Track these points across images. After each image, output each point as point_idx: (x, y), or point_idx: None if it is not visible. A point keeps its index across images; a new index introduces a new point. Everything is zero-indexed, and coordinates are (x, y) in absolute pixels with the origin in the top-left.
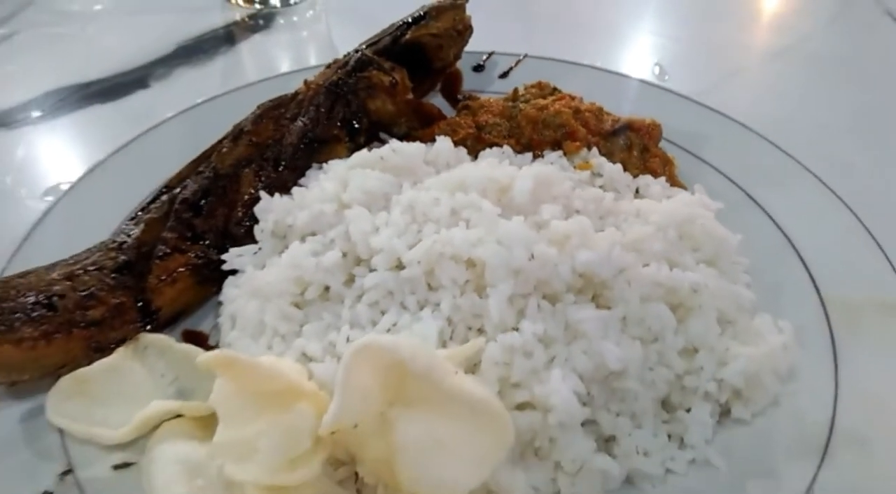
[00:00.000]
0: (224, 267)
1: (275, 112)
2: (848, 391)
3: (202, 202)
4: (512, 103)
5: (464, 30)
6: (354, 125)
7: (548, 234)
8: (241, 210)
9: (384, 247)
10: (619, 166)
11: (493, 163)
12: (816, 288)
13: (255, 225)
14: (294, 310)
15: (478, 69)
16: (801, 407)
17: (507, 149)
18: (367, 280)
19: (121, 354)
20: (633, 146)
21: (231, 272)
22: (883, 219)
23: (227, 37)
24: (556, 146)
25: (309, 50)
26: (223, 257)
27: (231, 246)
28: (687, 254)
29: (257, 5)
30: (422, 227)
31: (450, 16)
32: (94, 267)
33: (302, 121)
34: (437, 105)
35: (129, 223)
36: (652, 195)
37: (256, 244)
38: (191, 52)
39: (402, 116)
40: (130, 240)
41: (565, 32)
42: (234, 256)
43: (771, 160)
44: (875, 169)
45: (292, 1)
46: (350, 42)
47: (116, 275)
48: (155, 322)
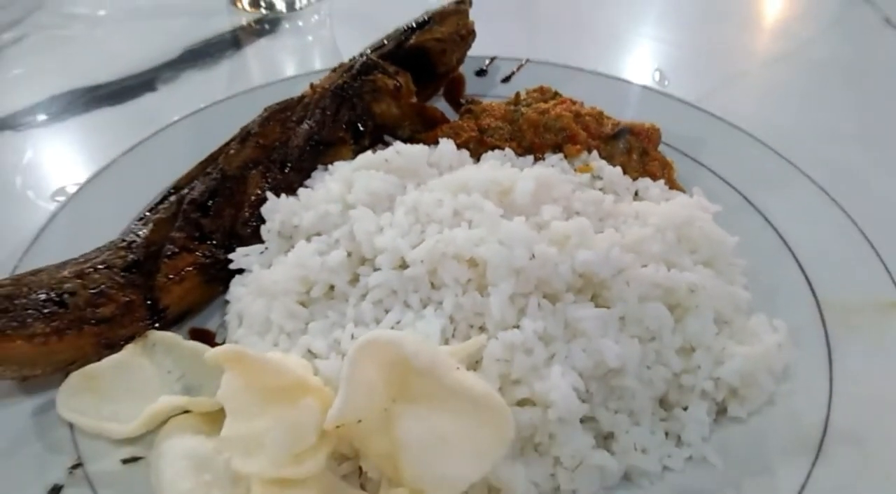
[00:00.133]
0: (231, 266)
1: (281, 115)
2: (842, 390)
3: (210, 202)
4: (514, 107)
5: (467, 34)
6: (359, 128)
7: (548, 235)
8: (248, 210)
9: (388, 247)
10: (619, 169)
11: (495, 166)
12: (812, 290)
13: (261, 225)
14: (300, 308)
15: (480, 73)
16: (796, 405)
17: (509, 151)
18: (372, 279)
19: (129, 351)
20: (633, 150)
21: (238, 271)
22: (881, 223)
23: (234, 41)
24: (556, 149)
25: (314, 54)
26: (230, 256)
27: (238, 245)
28: (685, 256)
29: (263, 10)
30: (425, 228)
31: (453, 21)
32: (103, 266)
33: (308, 124)
34: (441, 109)
35: (137, 223)
36: (651, 198)
37: (263, 244)
38: (198, 55)
39: (406, 119)
40: (139, 240)
41: (567, 37)
42: (240, 256)
43: (767, 164)
44: (875, 174)
45: (298, 6)
46: (354, 46)
47: (126, 274)
48: (163, 319)
